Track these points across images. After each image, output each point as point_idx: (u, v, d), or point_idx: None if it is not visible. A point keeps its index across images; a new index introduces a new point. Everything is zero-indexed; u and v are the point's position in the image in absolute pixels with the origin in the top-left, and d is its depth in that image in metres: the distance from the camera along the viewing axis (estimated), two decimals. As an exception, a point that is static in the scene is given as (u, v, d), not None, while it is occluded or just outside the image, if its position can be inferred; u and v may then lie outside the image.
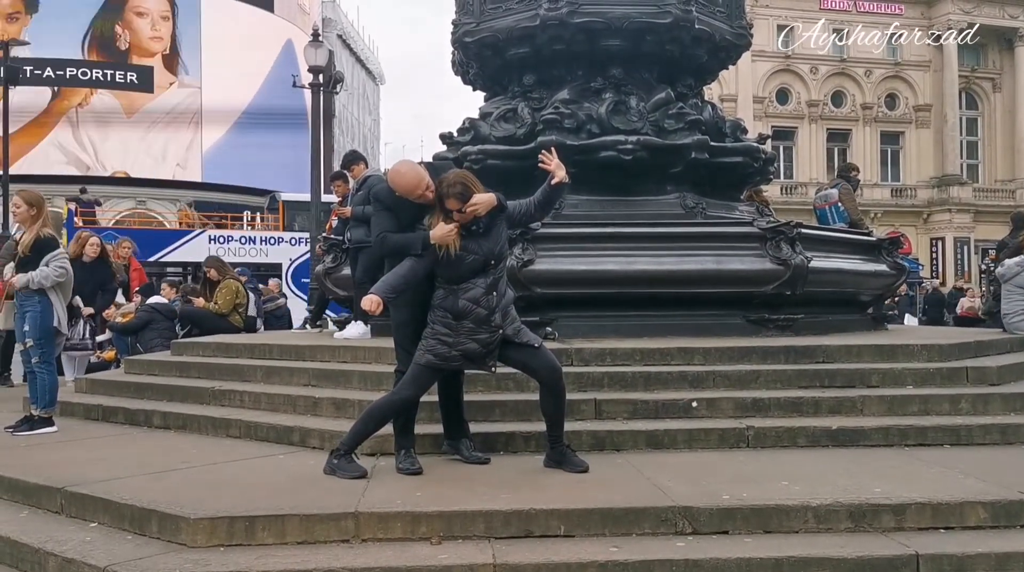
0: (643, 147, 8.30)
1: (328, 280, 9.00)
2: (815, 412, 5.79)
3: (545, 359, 4.95)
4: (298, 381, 6.69)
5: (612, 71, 8.79)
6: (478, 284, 4.81)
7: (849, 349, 6.63)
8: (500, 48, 8.98)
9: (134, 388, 7.46)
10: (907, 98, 43.19)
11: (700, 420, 5.67)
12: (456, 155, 8.89)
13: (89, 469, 5.09)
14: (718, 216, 8.53)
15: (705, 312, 7.44)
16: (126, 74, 40.15)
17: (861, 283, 8.61)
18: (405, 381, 4.95)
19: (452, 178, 4.83)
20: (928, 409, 5.86)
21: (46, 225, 6.84)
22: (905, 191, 43.01)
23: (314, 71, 19.62)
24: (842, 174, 11.66)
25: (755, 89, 40.91)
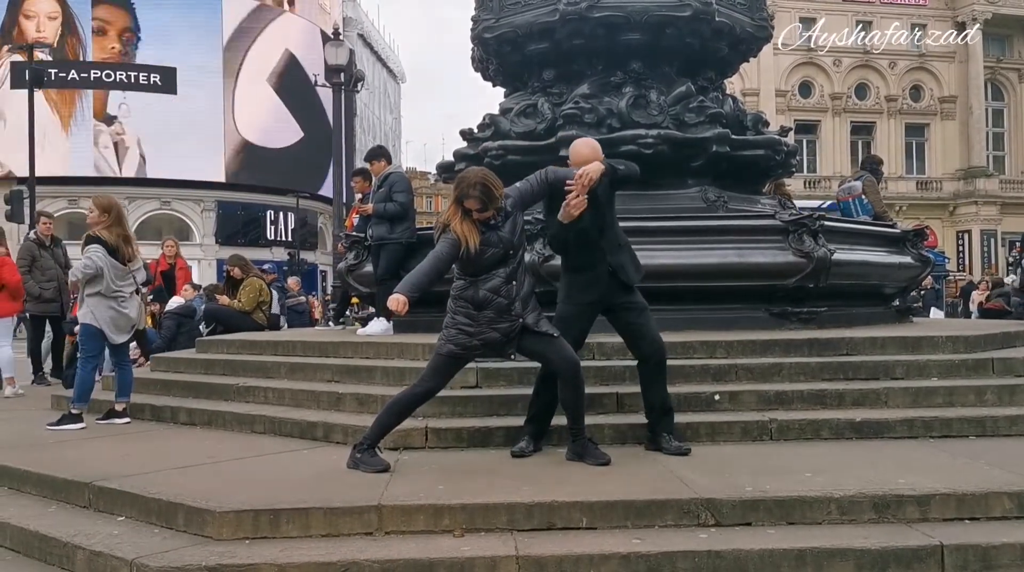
0: (664, 141, 8.28)
1: (350, 277, 9.04)
2: (839, 404, 5.76)
3: (563, 351, 4.95)
4: (321, 377, 6.73)
5: (632, 65, 8.77)
6: (498, 274, 4.83)
7: (873, 341, 6.59)
8: (519, 44, 8.99)
9: (160, 385, 7.54)
10: (932, 90, 42.77)
11: (723, 413, 5.67)
12: (476, 151, 8.92)
13: (117, 464, 5.16)
14: (740, 209, 8.49)
15: (727, 306, 7.40)
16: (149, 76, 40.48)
17: (885, 275, 8.54)
18: (427, 373, 4.98)
19: (473, 178, 4.78)
20: (953, 401, 5.82)
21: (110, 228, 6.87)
22: (930, 184, 42.62)
23: (335, 70, 19.71)
24: (866, 166, 11.56)
25: (778, 82, 40.67)
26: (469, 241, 4.73)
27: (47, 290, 10.13)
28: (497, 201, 4.76)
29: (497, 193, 4.77)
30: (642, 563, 3.76)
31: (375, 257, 8.29)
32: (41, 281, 10.11)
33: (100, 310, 6.76)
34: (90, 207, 7.01)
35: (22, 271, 10.19)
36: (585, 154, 5.10)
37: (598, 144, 5.15)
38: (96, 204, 6.97)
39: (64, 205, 36.23)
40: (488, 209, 4.74)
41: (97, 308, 6.77)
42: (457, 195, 4.80)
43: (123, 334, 6.94)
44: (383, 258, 8.12)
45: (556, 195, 5.01)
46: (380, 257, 8.16)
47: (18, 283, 9.61)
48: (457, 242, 4.75)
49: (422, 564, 3.76)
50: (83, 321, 6.84)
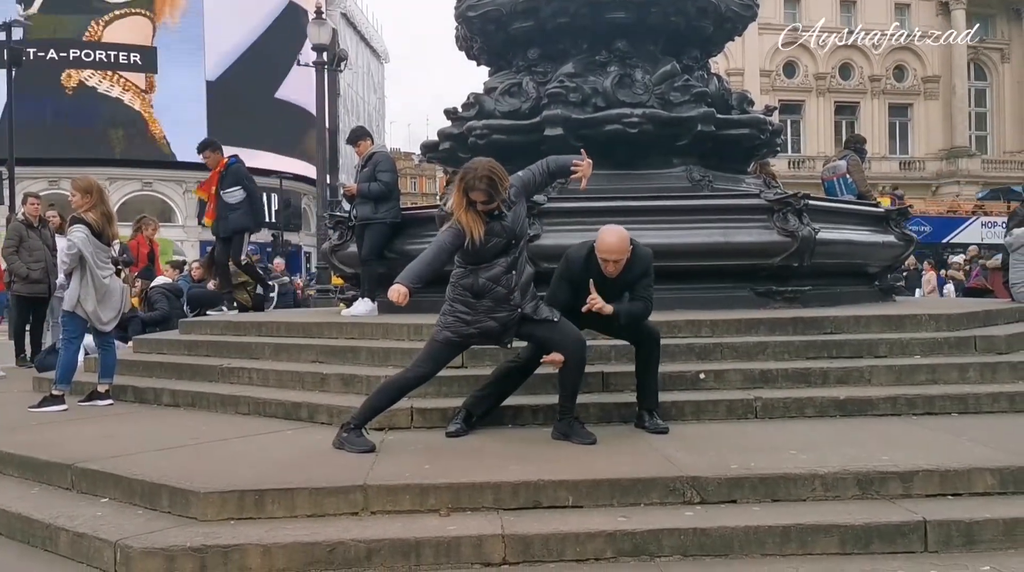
0: (649, 120, 8.26)
1: (334, 257, 9.00)
2: (823, 382, 5.79)
3: (568, 331, 4.95)
4: (306, 358, 6.70)
5: (617, 44, 8.73)
6: (499, 263, 4.81)
7: (857, 320, 6.61)
8: (504, 22, 8.92)
9: (143, 367, 7.50)
10: (915, 70, 42.89)
11: (708, 392, 5.68)
12: (461, 131, 8.87)
13: (99, 446, 5.12)
14: (725, 189, 8.49)
15: (713, 285, 7.42)
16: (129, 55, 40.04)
17: (869, 254, 8.57)
18: (421, 358, 4.96)
19: (480, 170, 4.72)
20: (936, 378, 5.85)
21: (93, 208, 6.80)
22: (914, 163, 42.80)
23: (318, 49, 19.53)
24: (850, 145, 11.59)
25: (762, 62, 40.66)
26: (474, 232, 4.69)
27: (35, 271, 10.06)
28: (503, 193, 4.74)
29: (503, 185, 4.74)
30: (628, 541, 3.77)
31: (359, 237, 8.24)
32: (29, 262, 10.05)
33: (85, 294, 6.70)
34: (71, 191, 6.93)
35: (9, 252, 10.11)
36: (610, 243, 5.09)
37: (627, 236, 5.14)
38: (76, 187, 6.90)
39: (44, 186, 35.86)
40: (494, 201, 4.71)
41: (82, 293, 6.71)
42: (463, 186, 4.74)
43: (109, 321, 6.88)
44: (367, 238, 8.08)
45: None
46: (364, 237, 8.12)
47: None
48: (461, 232, 4.72)
49: (408, 544, 3.75)
50: (66, 307, 6.77)
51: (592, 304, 5.01)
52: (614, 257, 5.04)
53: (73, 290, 6.73)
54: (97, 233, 6.75)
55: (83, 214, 6.77)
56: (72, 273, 6.72)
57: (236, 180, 9.52)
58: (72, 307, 6.72)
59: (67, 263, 6.71)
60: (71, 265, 6.68)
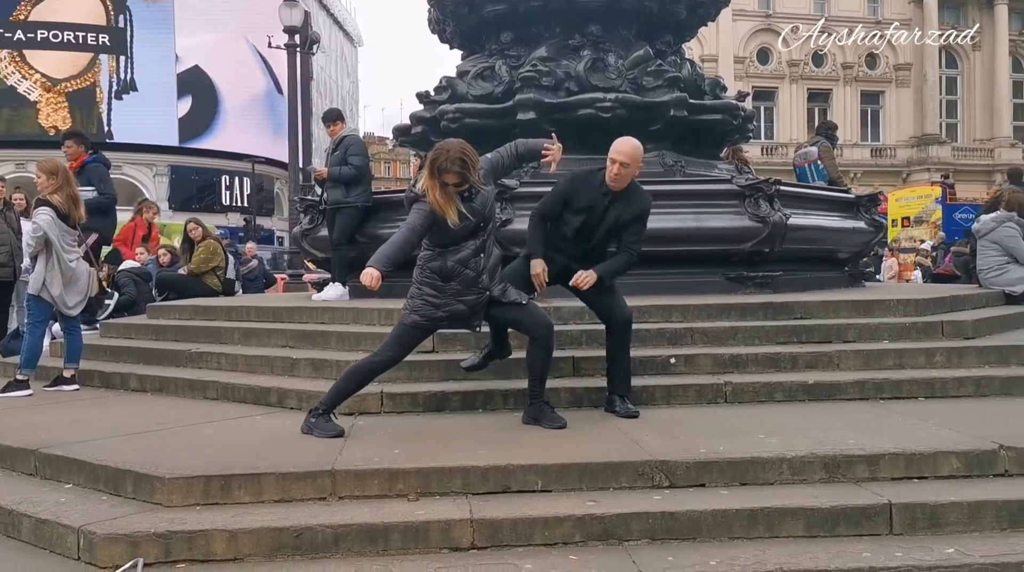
0: (622, 105, 8.24)
1: (305, 241, 8.93)
2: (792, 367, 5.81)
3: (536, 314, 4.94)
4: (276, 342, 6.65)
5: (590, 28, 8.70)
6: (467, 246, 4.76)
7: (826, 305, 6.65)
8: (477, 5, 8.87)
9: (110, 351, 7.41)
10: (887, 57, 43.15)
11: (678, 376, 5.70)
12: (433, 114, 8.81)
13: (63, 431, 5.05)
14: (697, 174, 8.50)
15: (684, 270, 7.44)
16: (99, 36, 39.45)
17: (839, 240, 8.63)
18: (389, 342, 4.92)
19: (453, 152, 4.63)
20: (903, 363, 5.90)
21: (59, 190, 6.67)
22: (885, 151, 43.15)
23: (289, 32, 19.33)
24: (821, 132, 11.65)
25: (736, 49, 40.77)
26: (449, 214, 4.63)
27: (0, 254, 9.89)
28: (475, 175, 4.69)
29: (475, 167, 4.70)
30: (596, 525, 3.77)
31: (330, 221, 8.19)
32: None
33: (51, 278, 6.59)
34: (36, 173, 6.82)
35: None
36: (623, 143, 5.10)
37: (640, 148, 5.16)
38: (41, 169, 6.78)
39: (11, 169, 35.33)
40: (466, 182, 4.67)
41: (47, 276, 6.60)
42: (434, 167, 4.66)
43: (75, 305, 6.78)
44: (339, 222, 8.02)
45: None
46: (336, 221, 8.06)
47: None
48: (431, 213, 4.65)
49: (376, 528, 3.73)
50: (31, 290, 6.67)
51: (578, 280, 5.05)
52: (622, 158, 5.02)
53: (38, 273, 6.63)
54: (63, 215, 6.65)
55: (49, 196, 6.66)
56: (37, 256, 6.62)
57: (88, 181, 8.76)
58: (37, 291, 6.62)
59: (32, 246, 6.61)
60: (36, 248, 6.58)
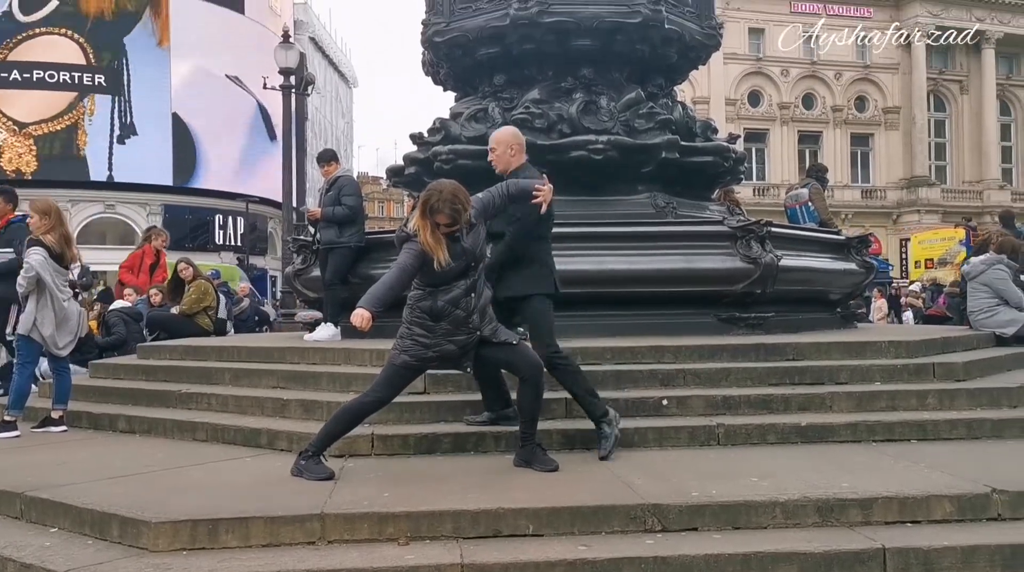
0: (614, 147, 8.30)
1: (298, 281, 8.92)
2: (785, 409, 5.80)
3: (526, 355, 4.93)
4: (267, 383, 6.61)
5: (582, 71, 8.79)
6: (458, 286, 4.76)
7: (818, 346, 6.65)
8: (470, 48, 8.96)
9: (99, 392, 7.36)
10: (876, 100, 43.68)
11: (671, 418, 5.67)
12: (427, 155, 8.86)
13: (50, 474, 5.00)
14: (689, 215, 8.54)
15: (676, 311, 7.44)
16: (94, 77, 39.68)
17: (831, 281, 8.66)
18: (379, 382, 4.90)
19: (445, 193, 4.66)
20: (896, 405, 5.89)
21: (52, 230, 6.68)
22: (875, 192, 43.47)
23: (285, 73, 19.50)
24: (812, 174, 11.73)
25: (727, 91, 41.21)
26: (439, 254, 4.64)
27: None
28: (466, 215, 4.71)
29: (467, 208, 4.71)
30: (588, 570, 3.73)
31: (323, 261, 8.18)
32: None
33: (42, 318, 6.56)
34: (29, 214, 6.83)
35: None
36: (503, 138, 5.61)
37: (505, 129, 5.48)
38: (34, 209, 6.80)
39: (4, 207, 35.34)
40: (457, 223, 4.68)
41: (39, 316, 6.57)
42: (426, 208, 4.68)
43: (66, 345, 6.75)
44: (331, 262, 8.02)
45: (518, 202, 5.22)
46: (328, 261, 8.05)
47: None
48: (422, 253, 4.66)
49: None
50: (22, 331, 6.63)
51: None
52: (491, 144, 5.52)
53: (29, 313, 6.60)
54: (56, 256, 6.65)
55: (41, 236, 6.66)
56: (28, 296, 6.60)
57: (8, 242, 8.22)
58: (27, 331, 6.59)
59: (24, 286, 6.59)
60: (28, 288, 6.56)
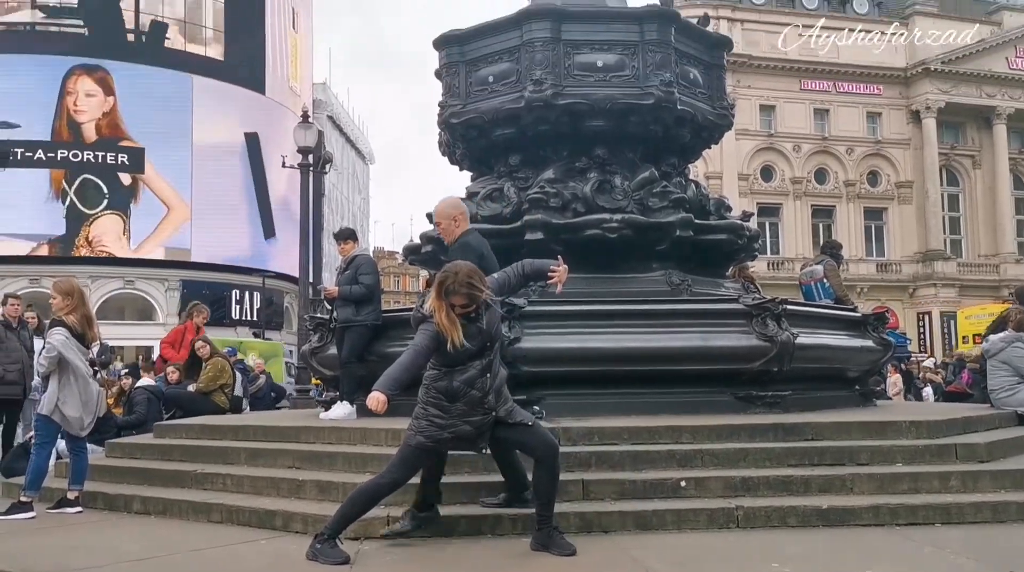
0: (628, 225, 8.37)
1: (314, 359, 8.95)
2: (805, 491, 5.72)
3: (541, 436, 4.92)
4: (282, 463, 6.59)
5: (597, 151, 8.91)
6: (474, 366, 4.78)
7: (838, 426, 6.59)
8: (486, 129, 9.12)
9: (114, 472, 7.34)
10: (888, 175, 43.91)
11: (689, 500, 5.60)
12: (442, 234, 8.95)
13: (66, 557, 4.98)
14: (704, 293, 8.56)
15: (692, 389, 7.41)
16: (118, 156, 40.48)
17: (848, 359, 8.61)
18: (394, 464, 4.88)
19: (461, 275, 4.72)
20: (918, 487, 5.80)
21: (74, 311, 6.77)
22: (890, 266, 43.41)
23: (303, 151, 19.85)
24: (826, 250, 11.76)
25: (740, 166, 41.56)
26: (454, 336, 4.67)
27: (10, 373, 9.89)
28: (482, 297, 4.75)
29: (483, 289, 4.76)
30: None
31: (339, 339, 8.21)
32: (5, 363, 9.88)
33: (65, 398, 6.59)
34: (52, 294, 6.92)
35: None
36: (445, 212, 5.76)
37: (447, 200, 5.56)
38: (57, 290, 6.89)
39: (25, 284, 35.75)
40: (473, 304, 4.73)
41: (61, 397, 6.59)
42: (442, 289, 4.74)
43: (86, 425, 6.78)
44: (348, 340, 8.05)
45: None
46: (345, 339, 8.09)
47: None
48: (437, 334, 4.70)
49: (381, 663, 3.63)
50: (44, 411, 6.64)
51: None
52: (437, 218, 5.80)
53: (51, 394, 6.63)
54: (78, 336, 6.72)
55: (63, 317, 6.74)
56: (49, 376, 6.64)
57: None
58: (50, 412, 6.60)
59: (45, 366, 6.63)
60: (49, 368, 6.61)
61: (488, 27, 9.21)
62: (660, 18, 8.98)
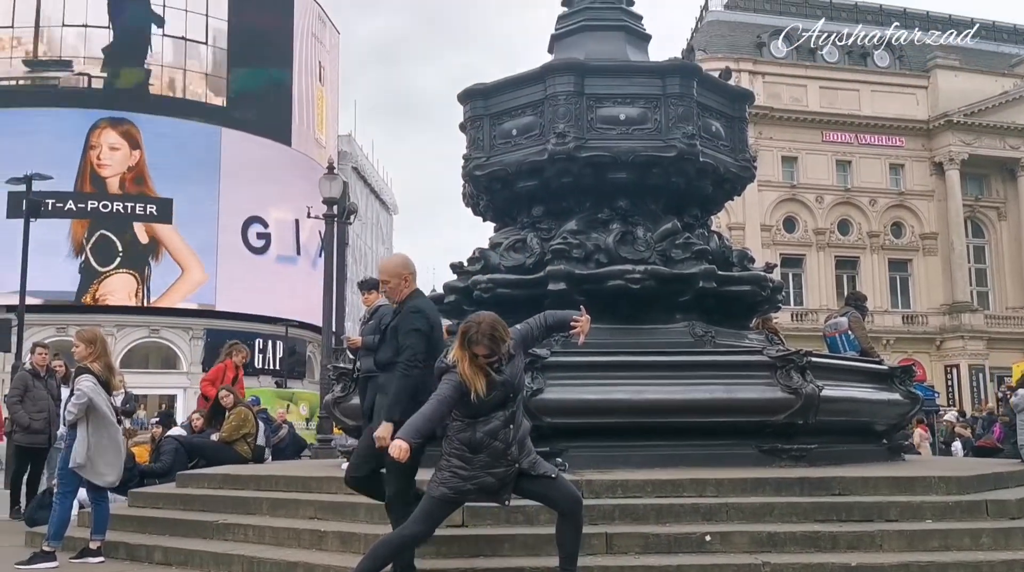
0: (651, 276, 8.38)
1: (337, 409, 8.95)
2: (833, 547, 5.63)
3: (565, 489, 4.89)
4: (304, 514, 6.57)
5: (619, 202, 8.96)
6: (497, 417, 4.77)
7: (866, 481, 6.50)
8: (509, 181, 9.20)
9: (136, 522, 7.35)
10: (913, 226, 43.67)
11: (714, 555, 5.53)
12: (466, 284, 8.99)
13: (86, 607, 4.96)
14: (727, 345, 8.52)
15: (717, 442, 7.35)
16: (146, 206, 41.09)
17: (875, 412, 8.51)
18: (416, 515, 4.85)
19: (485, 326, 4.74)
20: (949, 544, 5.70)
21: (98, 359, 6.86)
22: (916, 318, 42.98)
23: (329, 202, 20.08)
24: (850, 302, 11.68)
25: (762, 218, 41.51)
26: (477, 386, 4.68)
27: (37, 421, 9.99)
28: (504, 347, 4.76)
29: (505, 339, 4.77)
30: None
31: (362, 390, 8.21)
32: (32, 412, 9.99)
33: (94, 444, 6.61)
34: (75, 342, 7.00)
35: (13, 401, 10.07)
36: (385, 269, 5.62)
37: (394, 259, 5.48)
38: (80, 338, 6.97)
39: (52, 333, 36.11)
40: (495, 355, 4.74)
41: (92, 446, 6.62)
42: (465, 339, 4.76)
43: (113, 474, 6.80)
44: (370, 391, 8.04)
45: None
46: (367, 390, 8.08)
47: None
48: (461, 384, 4.71)
49: None
50: (79, 460, 6.62)
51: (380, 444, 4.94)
52: (383, 277, 5.45)
53: (82, 443, 6.63)
54: (102, 383, 6.77)
55: (88, 365, 6.80)
56: (77, 425, 6.66)
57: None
58: (83, 462, 6.60)
59: (74, 413, 6.66)
60: (78, 415, 6.64)
61: (512, 81, 9.35)
62: (682, 72, 9.08)
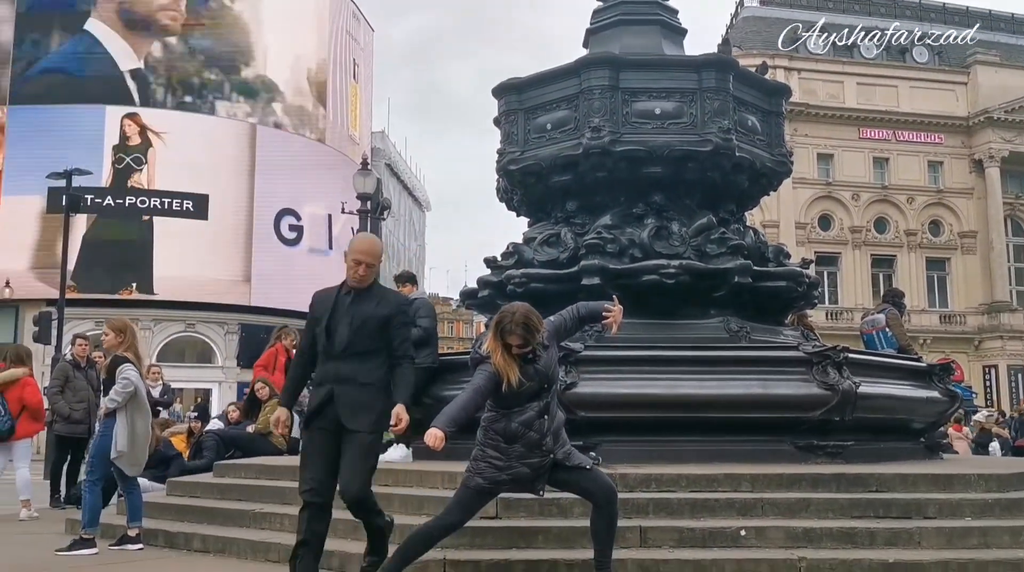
0: (685, 271, 8.34)
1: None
2: (870, 544, 5.58)
3: (600, 480, 4.89)
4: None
5: (654, 197, 8.93)
6: (532, 408, 4.78)
7: (904, 478, 6.44)
8: (543, 175, 9.19)
9: (175, 510, 7.44)
10: (951, 224, 43.08)
11: (749, 550, 5.50)
12: (500, 279, 9.01)
13: (127, 592, 5.04)
14: (763, 340, 8.47)
15: (752, 437, 7.30)
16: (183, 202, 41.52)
17: (913, 410, 8.40)
18: (451, 506, 4.88)
19: (518, 315, 4.75)
20: (988, 542, 5.63)
21: (129, 349, 6.97)
22: (954, 317, 42.41)
23: (362, 198, 20.21)
24: (888, 299, 11.55)
25: (797, 215, 41.15)
26: (510, 376, 4.69)
27: (77, 411, 10.17)
28: (538, 337, 4.77)
29: (539, 330, 4.78)
30: None
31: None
32: (72, 402, 10.18)
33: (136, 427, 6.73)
34: (105, 331, 7.11)
35: (54, 392, 10.26)
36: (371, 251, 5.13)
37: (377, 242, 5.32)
38: (111, 326, 7.08)
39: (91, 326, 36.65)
40: (529, 345, 4.75)
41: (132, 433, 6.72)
42: (499, 329, 4.77)
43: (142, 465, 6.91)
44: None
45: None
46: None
47: (39, 404, 9.66)
48: (495, 375, 4.72)
49: None
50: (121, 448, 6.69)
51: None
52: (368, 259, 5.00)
53: (124, 431, 6.73)
54: None
55: (123, 353, 6.91)
56: (117, 413, 6.76)
57: None
58: (125, 448, 6.71)
59: (119, 401, 6.75)
60: (123, 402, 6.74)
61: (547, 75, 9.34)
62: (718, 65, 9.03)
